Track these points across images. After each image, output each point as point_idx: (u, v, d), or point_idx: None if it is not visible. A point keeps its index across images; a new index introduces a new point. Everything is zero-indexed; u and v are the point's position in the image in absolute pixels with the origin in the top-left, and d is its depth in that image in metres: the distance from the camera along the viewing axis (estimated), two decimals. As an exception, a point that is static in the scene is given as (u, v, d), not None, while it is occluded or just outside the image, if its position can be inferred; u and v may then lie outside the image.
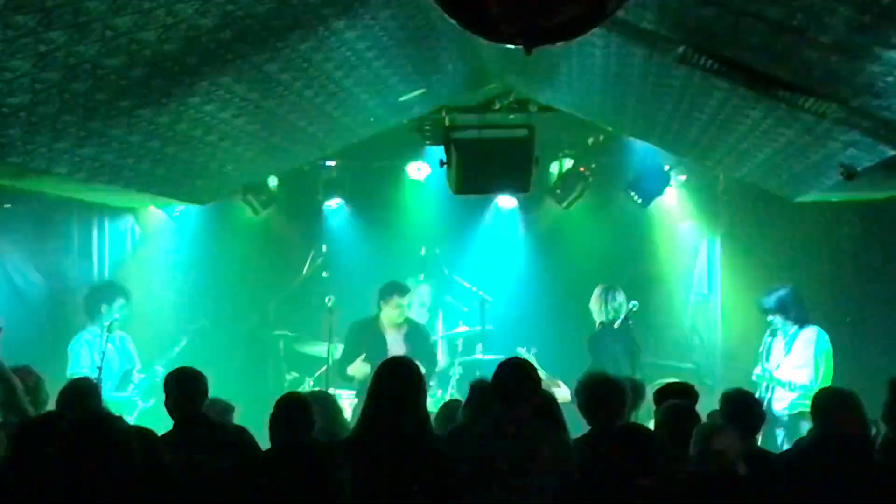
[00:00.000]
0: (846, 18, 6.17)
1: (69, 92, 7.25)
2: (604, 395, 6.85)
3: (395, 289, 11.39)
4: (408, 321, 11.54)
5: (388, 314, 11.37)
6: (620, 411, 6.87)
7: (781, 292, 10.74)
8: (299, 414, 6.63)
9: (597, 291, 11.39)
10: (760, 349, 10.71)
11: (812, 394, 9.82)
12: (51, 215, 11.97)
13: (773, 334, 10.71)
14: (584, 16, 5.55)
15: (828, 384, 10.07)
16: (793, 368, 10.51)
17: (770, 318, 10.73)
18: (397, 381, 6.29)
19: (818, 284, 11.96)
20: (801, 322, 10.67)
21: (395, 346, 11.10)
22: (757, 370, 10.59)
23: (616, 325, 11.03)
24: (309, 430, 6.61)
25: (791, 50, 7.05)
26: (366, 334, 11.33)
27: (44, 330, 11.44)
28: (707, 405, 7.56)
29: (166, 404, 6.93)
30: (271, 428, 6.61)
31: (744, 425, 6.63)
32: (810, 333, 10.61)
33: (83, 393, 7.38)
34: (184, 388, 6.93)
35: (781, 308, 10.66)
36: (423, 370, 6.82)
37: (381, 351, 10.66)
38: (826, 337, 10.59)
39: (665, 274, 13.44)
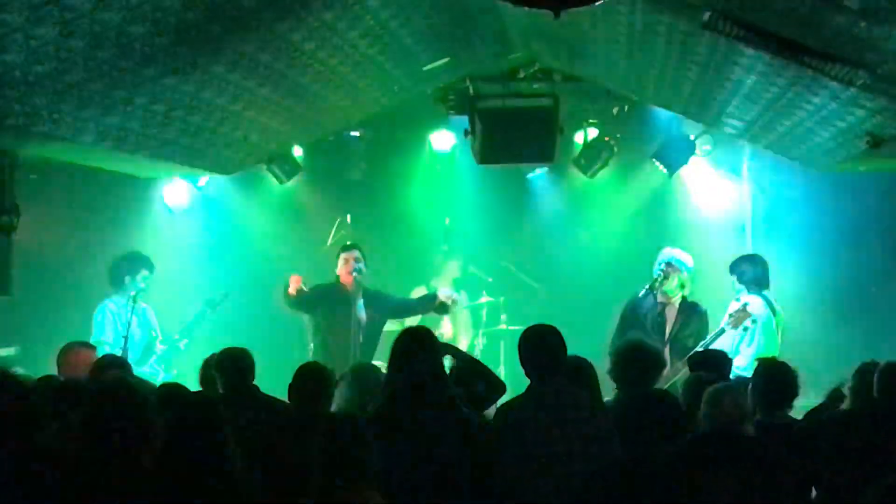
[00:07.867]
0: (873, -17, 6.13)
1: (94, 60, 7.27)
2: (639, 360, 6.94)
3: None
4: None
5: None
6: (652, 377, 6.94)
7: (750, 260, 10.23)
8: (315, 384, 6.65)
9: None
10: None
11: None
12: (76, 186, 11.99)
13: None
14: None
15: (773, 353, 9.40)
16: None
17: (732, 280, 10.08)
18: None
19: (842, 255, 11.95)
20: (750, 290, 9.87)
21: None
22: None
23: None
24: (325, 401, 6.61)
25: (818, 16, 7.00)
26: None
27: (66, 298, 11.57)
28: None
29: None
30: (290, 397, 6.66)
31: (781, 395, 6.71)
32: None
33: (118, 365, 7.51)
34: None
35: (738, 274, 9.98)
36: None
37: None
38: (768, 305, 9.81)
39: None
